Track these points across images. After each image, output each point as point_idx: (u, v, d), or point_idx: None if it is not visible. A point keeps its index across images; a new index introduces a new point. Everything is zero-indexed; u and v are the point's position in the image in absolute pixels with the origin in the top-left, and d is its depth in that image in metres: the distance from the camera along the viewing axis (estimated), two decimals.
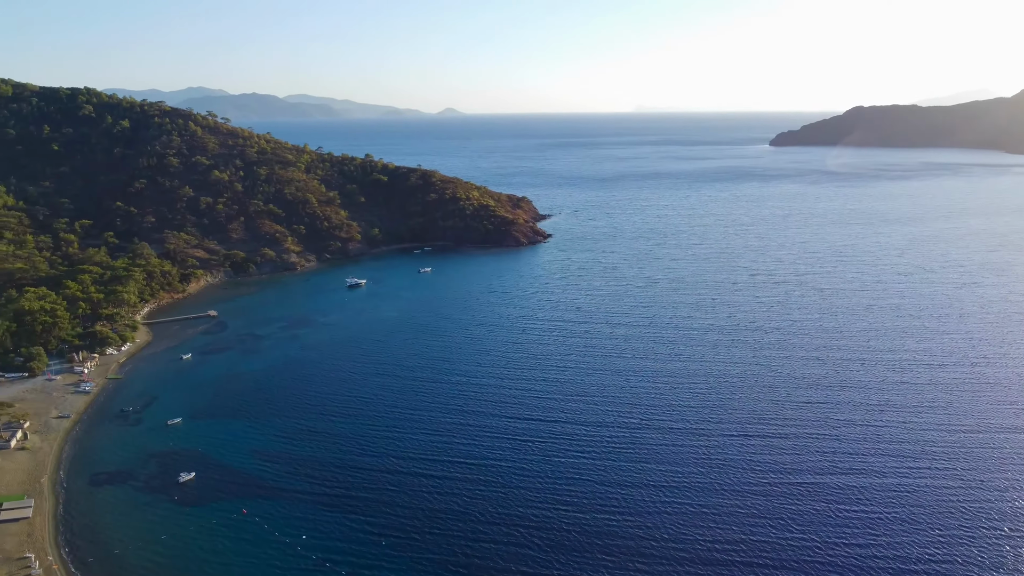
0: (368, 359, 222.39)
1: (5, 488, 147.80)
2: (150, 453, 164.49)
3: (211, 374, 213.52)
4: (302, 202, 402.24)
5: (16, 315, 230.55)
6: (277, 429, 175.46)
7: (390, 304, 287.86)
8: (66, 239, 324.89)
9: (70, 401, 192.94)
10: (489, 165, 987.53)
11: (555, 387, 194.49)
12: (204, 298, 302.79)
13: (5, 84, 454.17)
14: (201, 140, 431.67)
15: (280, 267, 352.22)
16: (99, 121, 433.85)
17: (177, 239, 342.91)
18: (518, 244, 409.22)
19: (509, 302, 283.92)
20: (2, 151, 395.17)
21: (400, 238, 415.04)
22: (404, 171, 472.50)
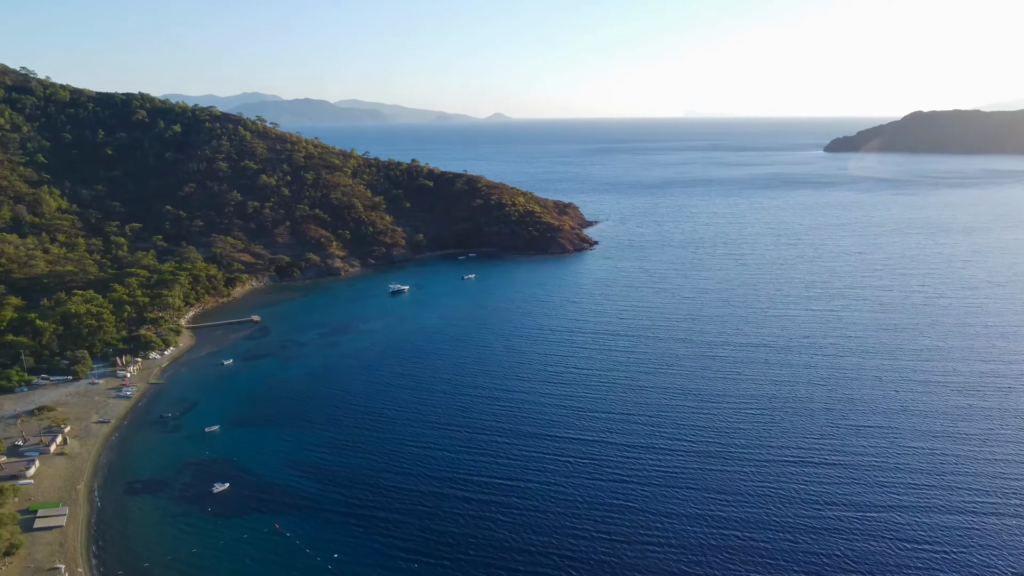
0: (406, 369, 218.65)
1: (42, 495, 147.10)
2: (186, 461, 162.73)
3: (251, 381, 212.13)
4: (348, 207, 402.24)
5: (63, 318, 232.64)
6: (313, 440, 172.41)
7: (432, 311, 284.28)
8: (116, 242, 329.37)
9: (111, 406, 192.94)
10: (535, 170, 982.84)
11: (597, 404, 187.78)
12: (248, 303, 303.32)
13: (63, 90, 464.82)
14: (250, 145, 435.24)
15: (324, 272, 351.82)
16: (152, 126, 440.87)
17: (224, 243, 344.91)
18: (563, 251, 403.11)
19: (552, 312, 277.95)
20: (58, 155, 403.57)
21: (444, 244, 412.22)
22: (450, 176, 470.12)
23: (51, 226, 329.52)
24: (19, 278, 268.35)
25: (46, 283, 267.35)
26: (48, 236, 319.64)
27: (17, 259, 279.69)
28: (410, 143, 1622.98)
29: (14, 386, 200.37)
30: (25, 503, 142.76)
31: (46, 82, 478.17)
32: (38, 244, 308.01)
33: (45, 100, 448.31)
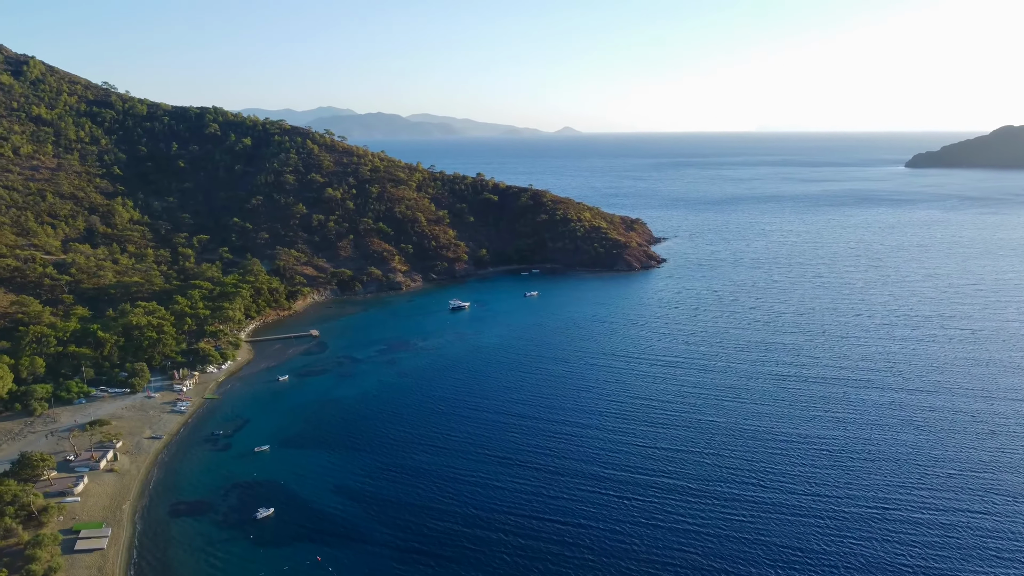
0: (463, 391, 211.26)
1: (88, 514, 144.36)
2: (233, 483, 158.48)
3: (305, 399, 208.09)
4: (411, 221, 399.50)
5: (125, 329, 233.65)
6: (362, 464, 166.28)
7: (492, 329, 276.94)
8: (184, 253, 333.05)
9: (164, 421, 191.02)
10: (602, 184, 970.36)
11: (660, 434, 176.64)
12: (309, 316, 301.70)
13: (141, 104, 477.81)
14: (317, 158, 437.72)
15: (386, 286, 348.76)
16: (223, 139, 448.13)
17: (288, 256, 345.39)
18: (630, 268, 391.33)
19: (615, 334, 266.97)
20: (134, 167, 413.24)
21: (508, 259, 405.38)
22: (515, 191, 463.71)
23: (122, 237, 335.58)
24: (88, 288, 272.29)
25: (113, 293, 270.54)
26: (119, 247, 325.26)
27: (87, 269, 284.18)
28: (478, 157, 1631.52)
29: (73, 398, 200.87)
30: (69, 522, 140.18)
31: (125, 96, 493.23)
32: (108, 255, 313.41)
33: (123, 114, 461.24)
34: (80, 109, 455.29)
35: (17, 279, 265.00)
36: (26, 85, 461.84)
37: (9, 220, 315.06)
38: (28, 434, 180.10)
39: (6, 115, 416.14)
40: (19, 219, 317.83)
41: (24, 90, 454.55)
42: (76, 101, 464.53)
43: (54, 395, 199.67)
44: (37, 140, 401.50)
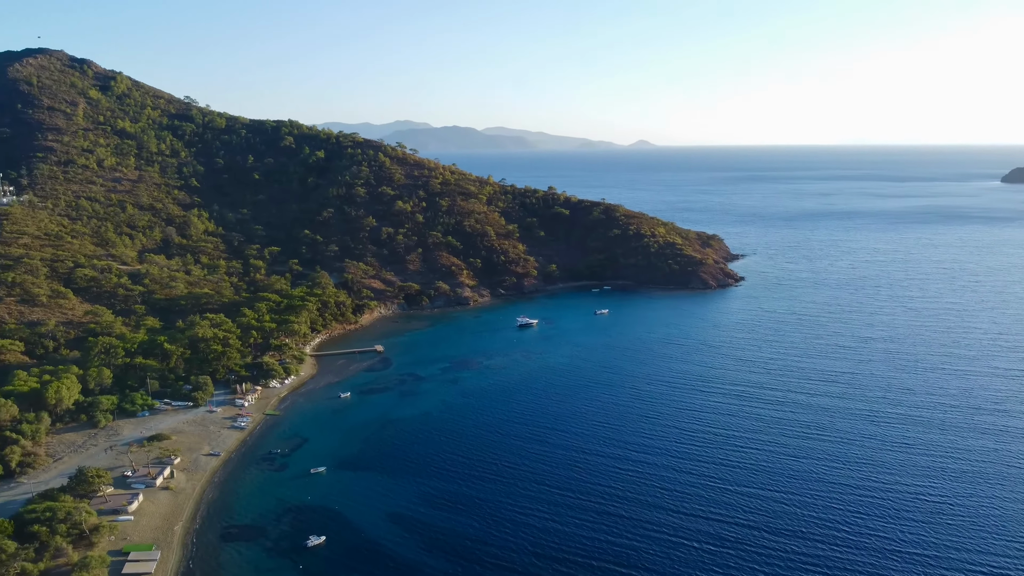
0: (527, 415, 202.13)
1: (139, 534, 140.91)
2: (287, 506, 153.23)
3: (365, 417, 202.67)
4: (481, 235, 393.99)
5: (191, 341, 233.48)
6: (420, 491, 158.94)
7: (560, 349, 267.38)
8: (255, 265, 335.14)
9: (223, 437, 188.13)
10: (676, 198, 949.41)
11: (733, 473, 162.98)
12: (374, 331, 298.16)
13: (220, 117, 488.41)
14: (388, 171, 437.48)
15: (453, 301, 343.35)
16: (297, 152, 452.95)
17: (356, 269, 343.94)
18: (705, 287, 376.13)
19: (689, 356, 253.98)
20: (211, 179, 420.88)
21: (578, 275, 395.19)
22: (587, 205, 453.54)
23: (196, 248, 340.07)
24: (159, 299, 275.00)
25: (183, 305, 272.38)
26: (192, 258, 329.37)
27: (160, 280, 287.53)
28: (550, 170, 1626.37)
29: (137, 410, 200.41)
30: (120, 543, 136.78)
31: (205, 110, 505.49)
32: (182, 265, 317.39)
33: (203, 127, 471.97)
34: (162, 123, 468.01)
35: (93, 289, 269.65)
36: (113, 100, 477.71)
37: (90, 231, 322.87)
38: (90, 447, 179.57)
39: (92, 128, 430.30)
40: (99, 229, 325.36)
41: (111, 104, 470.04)
42: (159, 115, 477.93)
43: (119, 407, 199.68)
44: (120, 153, 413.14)
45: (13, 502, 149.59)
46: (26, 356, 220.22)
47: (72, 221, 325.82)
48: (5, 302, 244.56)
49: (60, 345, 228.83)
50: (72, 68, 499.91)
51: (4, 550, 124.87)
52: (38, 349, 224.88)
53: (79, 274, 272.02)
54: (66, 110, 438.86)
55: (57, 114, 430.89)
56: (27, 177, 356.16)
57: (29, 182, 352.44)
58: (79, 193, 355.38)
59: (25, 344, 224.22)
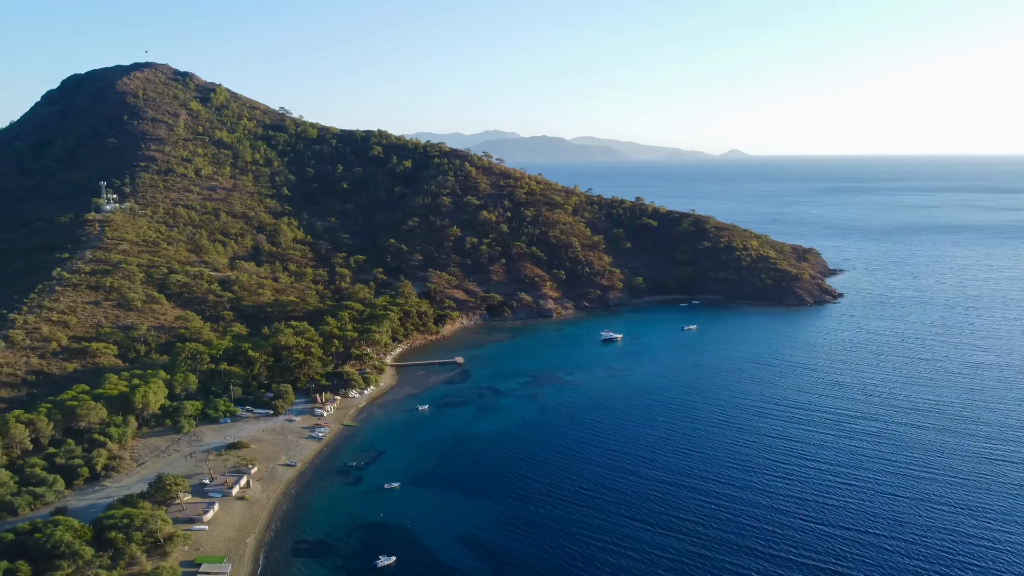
0: (607, 437, 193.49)
1: (211, 545, 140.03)
2: (359, 522, 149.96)
3: (442, 432, 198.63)
4: (565, 246, 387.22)
5: (275, 349, 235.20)
6: (492, 514, 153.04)
7: (644, 366, 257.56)
8: (340, 273, 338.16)
9: (301, 447, 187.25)
10: (769, 210, 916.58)
11: (829, 514, 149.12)
12: (455, 342, 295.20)
13: (312, 128, 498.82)
14: (474, 180, 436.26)
15: (535, 313, 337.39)
16: (385, 161, 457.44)
17: (439, 279, 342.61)
18: (801, 303, 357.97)
19: (782, 378, 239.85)
20: (302, 188, 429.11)
21: (665, 289, 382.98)
22: (675, 216, 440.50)
23: (285, 256, 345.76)
24: (247, 305, 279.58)
25: (270, 312, 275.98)
26: (280, 265, 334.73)
27: (248, 287, 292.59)
28: (638, 180, 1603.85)
29: (219, 416, 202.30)
30: (193, 553, 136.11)
31: (298, 120, 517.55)
32: (270, 272, 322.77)
33: (295, 137, 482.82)
34: (257, 133, 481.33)
35: (185, 294, 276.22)
36: (212, 111, 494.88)
37: (185, 237, 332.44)
38: (172, 452, 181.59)
39: (192, 139, 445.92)
40: (194, 236, 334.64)
41: (210, 115, 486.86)
42: (254, 125, 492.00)
43: (202, 413, 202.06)
44: (217, 162, 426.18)
45: (95, 506, 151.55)
46: (119, 359, 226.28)
47: (169, 228, 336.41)
48: (103, 306, 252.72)
49: (151, 349, 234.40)
50: (175, 81, 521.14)
51: (81, 556, 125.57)
52: (130, 353, 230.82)
53: (172, 280, 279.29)
54: (168, 121, 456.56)
55: (160, 125, 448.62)
56: (130, 185, 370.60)
57: (131, 190, 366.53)
58: (177, 201, 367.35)
59: (118, 347, 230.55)
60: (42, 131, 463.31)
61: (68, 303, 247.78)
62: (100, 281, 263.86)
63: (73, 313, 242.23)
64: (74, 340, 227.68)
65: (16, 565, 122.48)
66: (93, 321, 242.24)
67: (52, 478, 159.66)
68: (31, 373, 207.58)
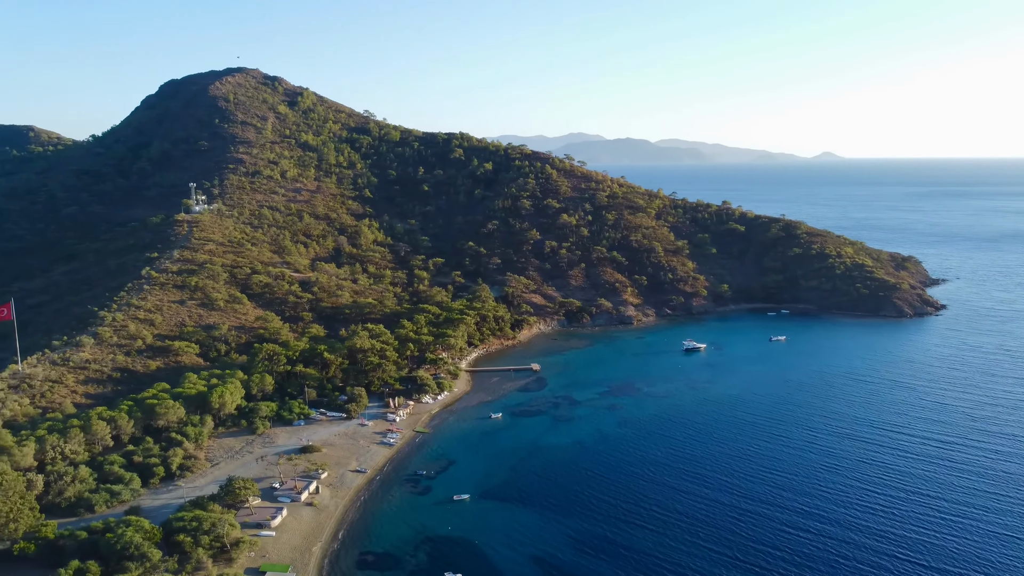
0: (687, 454, 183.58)
1: (277, 552, 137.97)
2: (426, 536, 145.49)
3: (515, 442, 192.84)
4: (647, 250, 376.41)
5: (350, 351, 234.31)
6: (566, 531, 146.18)
7: (729, 378, 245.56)
8: (419, 276, 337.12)
9: (372, 453, 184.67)
10: (865, 215, 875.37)
11: (933, 558, 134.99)
12: (532, 348, 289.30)
13: (395, 130, 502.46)
14: (555, 183, 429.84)
15: (615, 320, 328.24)
16: (466, 163, 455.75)
17: (517, 283, 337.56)
18: (900, 314, 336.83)
19: (877, 396, 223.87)
20: (384, 190, 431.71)
21: (752, 297, 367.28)
22: (764, 221, 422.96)
23: (365, 257, 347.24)
24: (326, 307, 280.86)
25: (347, 313, 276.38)
26: (360, 267, 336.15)
27: (328, 288, 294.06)
28: (725, 183, 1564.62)
29: (293, 419, 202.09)
30: (258, 560, 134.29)
31: (382, 123, 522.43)
32: (350, 274, 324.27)
33: (379, 140, 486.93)
34: (341, 136, 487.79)
35: (266, 295, 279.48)
36: (299, 114, 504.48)
37: (269, 239, 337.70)
38: (245, 453, 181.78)
39: (279, 141, 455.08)
40: (277, 238, 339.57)
41: (296, 119, 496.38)
42: (339, 128, 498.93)
43: (277, 414, 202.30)
44: (302, 164, 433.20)
45: (168, 506, 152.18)
46: (200, 358, 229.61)
47: (254, 229, 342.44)
48: (187, 305, 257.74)
49: (231, 349, 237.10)
50: (265, 85, 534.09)
51: (149, 558, 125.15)
52: (211, 352, 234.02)
53: (255, 280, 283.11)
54: (257, 124, 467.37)
55: (249, 128, 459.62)
56: (218, 187, 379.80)
57: (220, 191, 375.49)
58: (262, 203, 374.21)
59: (200, 346, 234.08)
60: (140, 134, 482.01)
61: (155, 302, 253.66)
62: (186, 281, 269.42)
63: (159, 312, 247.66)
64: (158, 338, 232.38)
65: (87, 565, 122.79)
66: (177, 320, 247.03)
67: (129, 476, 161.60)
68: (116, 370, 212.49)
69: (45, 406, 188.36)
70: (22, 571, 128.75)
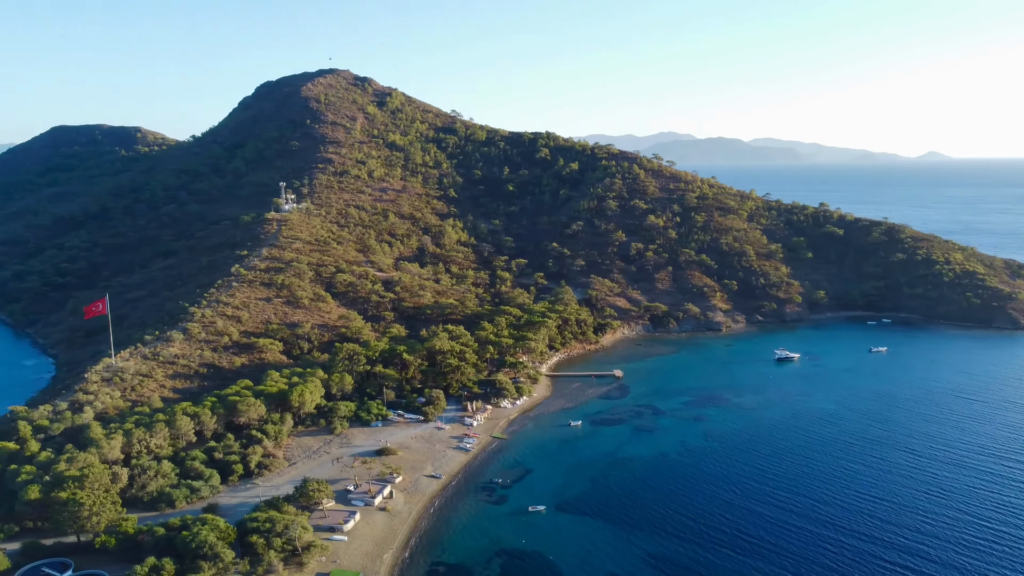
0: (777, 471, 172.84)
1: (348, 558, 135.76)
2: (499, 548, 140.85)
3: (594, 452, 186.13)
4: (738, 254, 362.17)
5: (429, 353, 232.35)
6: (646, 551, 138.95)
7: (823, 391, 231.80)
8: (501, 277, 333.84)
9: (448, 458, 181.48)
10: (975, 219, 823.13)
11: None
12: (615, 353, 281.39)
13: (481, 130, 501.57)
14: (642, 184, 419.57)
15: (703, 326, 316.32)
16: (552, 163, 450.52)
17: (601, 285, 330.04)
18: (1015, 326, 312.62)
19: (988, 417, 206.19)
20: (468, 190, 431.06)
21: (850, 304, 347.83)
22: (865, 224, 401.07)
23: (448, 257, 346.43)
24: (407, 307, 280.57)
25: (429, 314, 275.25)
26: (443, 266, 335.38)
27: (410, 288, 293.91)
28: (823, 184, 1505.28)
29: (371, 420, 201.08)
30: (329, 566, 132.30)
31: (468, 123, 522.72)
32: (432, 274, 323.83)
33: (465, 139, 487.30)
34: (428, 136, 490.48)
35: (350, 294, 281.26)
36: (387, 114, 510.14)
37: (355, 238, 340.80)
38: (323, 454, 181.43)
39: (367, 141, 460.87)
40: (363, 237, 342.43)
41: (385, 119, 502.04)
42: (426, 128, 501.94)
43: (355, 415, 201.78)
44: (389, 164, 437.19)
45: (244, 504, 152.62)
46: (283, 356, 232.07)
47: (340, 228, 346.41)
48: (273, 303, 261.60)
49: (313, 347, 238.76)
50: (355, 86, 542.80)
51: (222, 559, 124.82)
52: (294, 350, 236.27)
53: (339, 279, 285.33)
54: (346, 124, 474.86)
55: (338, 128, 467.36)
56: (307, 186, 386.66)
57: (309, 191, 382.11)
58: (349, 202, 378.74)
59: (283, 344, 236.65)
60: (236, 134, 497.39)
61: (243, 299, 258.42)
62: (273, 278, 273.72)
63: (246, 309, 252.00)
64: (244, 335, 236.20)
65: (162, 562, 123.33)
66: (263, 317, 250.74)
67: (209, 472, 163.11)
68: (203, 365, 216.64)
69: (134, 399, 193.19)
70: (102, 564, 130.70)
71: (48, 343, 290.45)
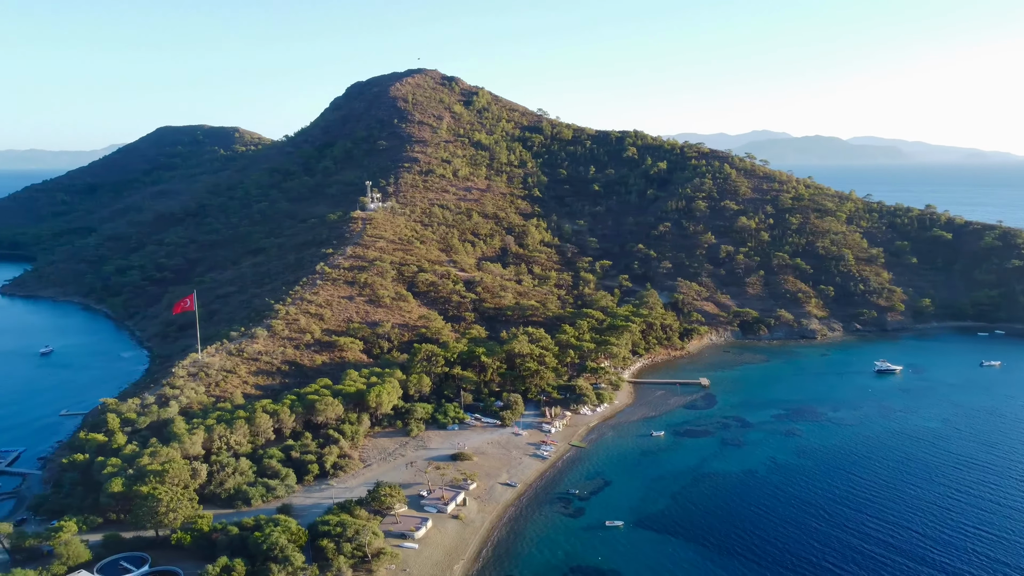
0: (873, 498, 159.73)
1: (418, 566, 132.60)
2: (573, 564, 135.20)
3: (677, 466, 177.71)
4: (836, 258, 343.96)
5: (508, 356, 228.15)
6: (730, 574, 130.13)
7: (928, 408, 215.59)
8: (584, 278, 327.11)
9: (524, 465, 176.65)
10: None
11: None
12: (701, 360, 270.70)
13: (567, 129, 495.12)
14: (733, 184, 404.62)
15: (796, 333, 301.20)
16: (639, 162, 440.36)
17: (688, 289, 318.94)
18: None
19: None
20: (553, 189, 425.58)
21: (959, 314, 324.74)
22: (976, 228, 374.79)
23: (530, 258, 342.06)
24: (488, 307, 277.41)
25: (509, 315, 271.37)
26: (526, 267, 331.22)
27: (491, 289, 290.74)
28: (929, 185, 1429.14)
29: (448, 423, 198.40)
30: (398, 573, 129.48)
31: (555, 121, 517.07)
32: (514, 275, 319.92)
33: (550, 138, 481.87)
34: (514, 135, 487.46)
35: (431, 293, 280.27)
36: (473, 113, 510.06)
37: (438, 237, 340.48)
38: (398, 456, 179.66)
39: (453, 140, 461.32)
40: (446, 236, 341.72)
41: (471, 118, 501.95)
42: (512, 127, 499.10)
43: (432, 417, 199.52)
44: (474, 163, 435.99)
45: (318, 506, 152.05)
46: (363, 355, 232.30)
47: (424, 227, 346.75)
48: (355, 301, 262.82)
49: (393, 347, 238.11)
50: (442, 85, 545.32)
51: (292, 562, 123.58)
52: (374, 349, 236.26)
53: (421, 278, 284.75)
54: (432, 124, 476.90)
55: (425, 127, 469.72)
56: (393, 185, 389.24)
57: (394, 189, 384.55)
58: (434, 201, 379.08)
59: (364, 343, 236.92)
60: (326, 134, 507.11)
61: (326, 296, 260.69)
62: (356, 277, 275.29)
63: (329, 307, 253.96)
64: (326, 333, 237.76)
65: (234, 563, 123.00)
66: (345, 316, 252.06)
67: (285, 472, 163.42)
68: (285, 363, 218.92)
69: (218, 395, 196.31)
70: (177, 560, 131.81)
71: (145, 336, 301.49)
